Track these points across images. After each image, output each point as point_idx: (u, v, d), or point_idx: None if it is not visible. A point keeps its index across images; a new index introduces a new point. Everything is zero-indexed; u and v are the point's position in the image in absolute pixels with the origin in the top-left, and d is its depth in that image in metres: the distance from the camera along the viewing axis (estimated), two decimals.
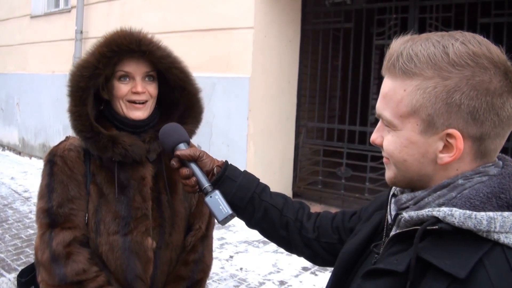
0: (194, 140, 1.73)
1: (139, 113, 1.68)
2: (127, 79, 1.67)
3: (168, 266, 1.76)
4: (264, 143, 6.11)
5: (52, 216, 1.63)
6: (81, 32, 8.17)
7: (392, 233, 1.01)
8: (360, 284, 0.97)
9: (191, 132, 1.72)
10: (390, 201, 1.08)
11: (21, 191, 7.08)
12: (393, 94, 0.94)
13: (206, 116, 1.80)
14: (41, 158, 8.93)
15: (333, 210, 1.49)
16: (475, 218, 0.84)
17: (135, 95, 1.66)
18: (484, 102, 0.86)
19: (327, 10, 6.48)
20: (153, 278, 1.71)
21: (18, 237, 5.12)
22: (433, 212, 0.88)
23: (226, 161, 1.44)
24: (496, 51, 0.89)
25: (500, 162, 0.96)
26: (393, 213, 1.04)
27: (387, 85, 0.96)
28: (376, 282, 0.92)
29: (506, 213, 0.84)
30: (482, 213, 0.84)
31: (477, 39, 0.90)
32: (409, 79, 0.91)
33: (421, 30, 5.27)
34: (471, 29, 0.95)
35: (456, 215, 0.85)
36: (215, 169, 1.41)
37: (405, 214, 0.94)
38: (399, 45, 0.94)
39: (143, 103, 1.68)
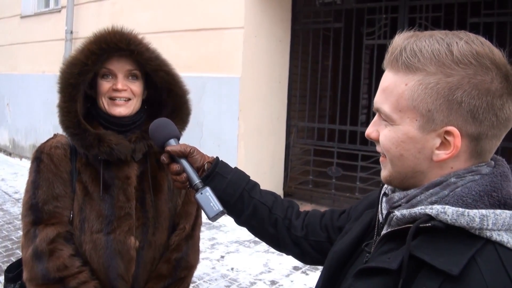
0: (185, 141, 1.72)
1: (120, 109, 1.68)
2: (110, 77, 1.68)
3: (151, 265, 1.76)
4: (255, 143, 6.12)
5: (36, 213, 1.64)
6: (71, 32, 8.13)
7: (384, 231, 1.00)
8: (352, 283, 0.96)
9: None
10: (381, 200, 1.08)
11: (12, 193, 7.03)
12: (394, 88, 0.94)
13: (196, 116, 1.80)
14: None
15: (324, 209, 1.48)
16: (468, 215, 0.84)
17: (116, 92, 1.67)
18: (484, 101, 0.87)
19: (317, 10, 6.51)
20: (135, 276, 1.72)
21: (9, 239, 5.08)
22: (426, 210, 0.88)
23: (217, 157, 1.42)
24: (498, 53, 0.90)
25: (492, 162, 0.97)
26: (384, 211, 1.04)
27: (388, 78, 0.96)
28: (368, 281, 0.92)
29: (498, 211, 0.85)
30: (475, 211, 0.85)
31: (480, 40, 0.90)
32: (412, 73, 0.91)
33: (411, 30, 5.28)
34: (460, 29, 0.95)
35: (449, 212, 0.85)
36: (206, 165, 1.39)
37: (397, 213, 0.94)
38: (402, 40, 0.94)
39: (125, 100, 1.68)
